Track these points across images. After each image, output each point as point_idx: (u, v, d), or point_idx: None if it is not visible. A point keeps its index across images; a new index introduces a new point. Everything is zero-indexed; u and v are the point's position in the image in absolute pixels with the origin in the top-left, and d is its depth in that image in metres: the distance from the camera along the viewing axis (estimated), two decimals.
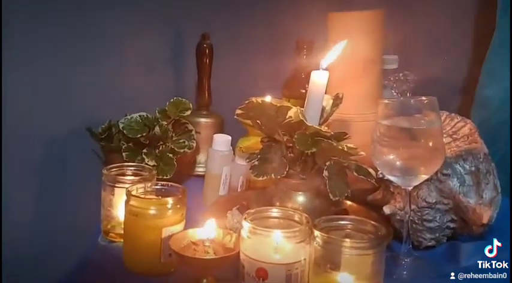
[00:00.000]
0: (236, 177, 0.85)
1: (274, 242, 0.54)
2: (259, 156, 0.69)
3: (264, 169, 0.68)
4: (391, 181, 0.67)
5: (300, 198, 0.69)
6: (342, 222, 0.57)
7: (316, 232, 0.53)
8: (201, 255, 0.57)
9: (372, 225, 0.55)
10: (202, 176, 0.89)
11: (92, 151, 0.91)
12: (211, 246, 0.60)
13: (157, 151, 0.84)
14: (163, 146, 0.84)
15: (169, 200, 0.63)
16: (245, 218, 0.56)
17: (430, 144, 0.62)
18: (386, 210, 0.70)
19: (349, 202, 0.75)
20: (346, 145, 0.64)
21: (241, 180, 0.85)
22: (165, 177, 0.82)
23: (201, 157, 0.98)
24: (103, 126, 0.89)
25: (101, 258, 0.67)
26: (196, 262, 0.56)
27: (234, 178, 0.85)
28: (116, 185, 0.70)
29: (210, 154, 0.87)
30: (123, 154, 0.82)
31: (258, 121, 0.68)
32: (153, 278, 0.61)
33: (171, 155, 0.84)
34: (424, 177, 0.64)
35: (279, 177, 0.67)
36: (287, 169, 0.67)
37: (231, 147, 0.88)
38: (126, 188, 0.64)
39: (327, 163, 0.65)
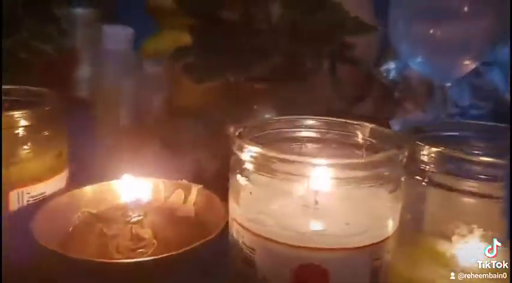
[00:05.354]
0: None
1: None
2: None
3: (207, 67, 0.38)
4: None
5: None
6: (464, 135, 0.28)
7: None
8: (108, 257, 0.23)
9: None
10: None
11: None
12: (145, 221, 0.27)
13: None
14: None
15: (20, 131, 0.26)
16: (239, 144, 0.21)
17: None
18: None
19: None
20: None
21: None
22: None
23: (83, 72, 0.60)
24: None
25: None
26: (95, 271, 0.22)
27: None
28: None
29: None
30: None
31: None
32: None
33: None
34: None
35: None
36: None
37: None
38: None
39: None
